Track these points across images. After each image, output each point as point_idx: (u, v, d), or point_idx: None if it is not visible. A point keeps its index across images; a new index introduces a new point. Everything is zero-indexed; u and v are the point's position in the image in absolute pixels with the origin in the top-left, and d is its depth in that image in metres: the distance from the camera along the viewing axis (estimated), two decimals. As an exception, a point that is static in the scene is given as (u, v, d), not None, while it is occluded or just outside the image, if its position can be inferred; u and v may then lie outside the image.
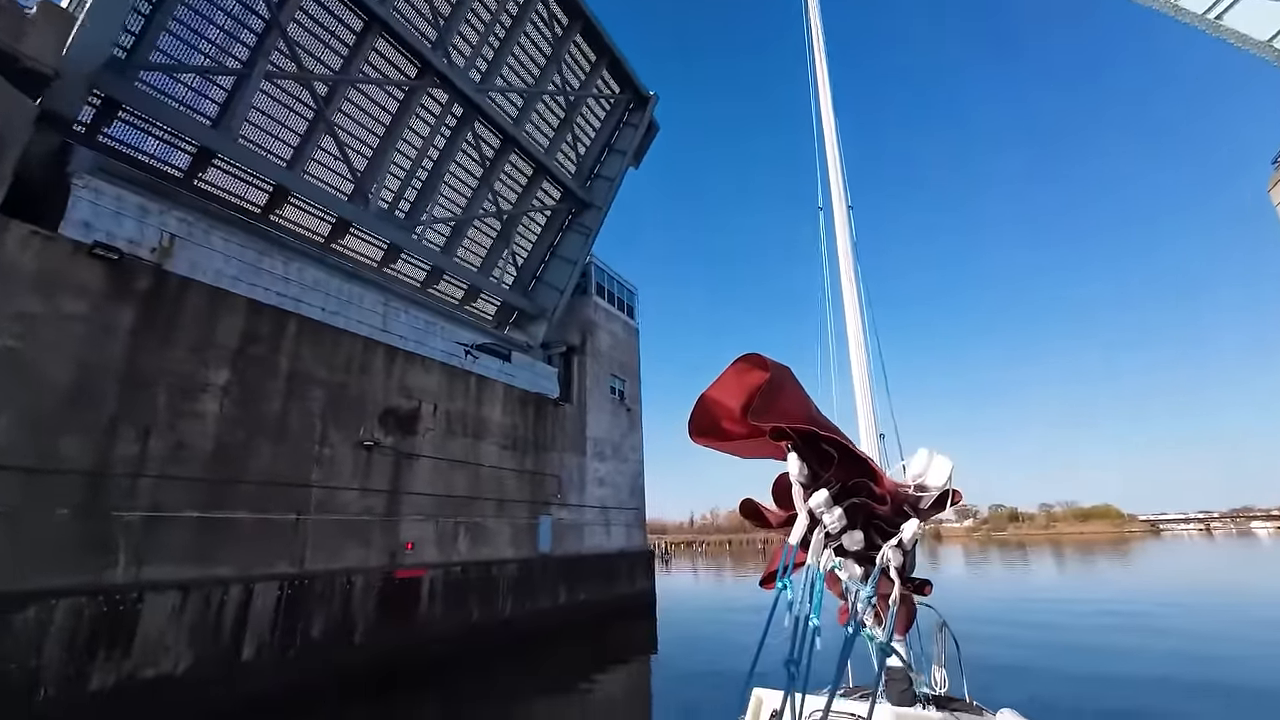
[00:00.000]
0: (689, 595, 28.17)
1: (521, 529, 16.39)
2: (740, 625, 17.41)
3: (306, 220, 14.99)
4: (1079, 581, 30.37)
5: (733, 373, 1.36)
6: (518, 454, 16.89)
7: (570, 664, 13.20)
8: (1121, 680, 10.30)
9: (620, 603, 19.60)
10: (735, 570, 45.87)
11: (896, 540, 1.43)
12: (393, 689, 10.33)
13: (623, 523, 21.69)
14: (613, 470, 21.73)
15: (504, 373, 17.22)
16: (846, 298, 4.08)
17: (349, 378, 12.34)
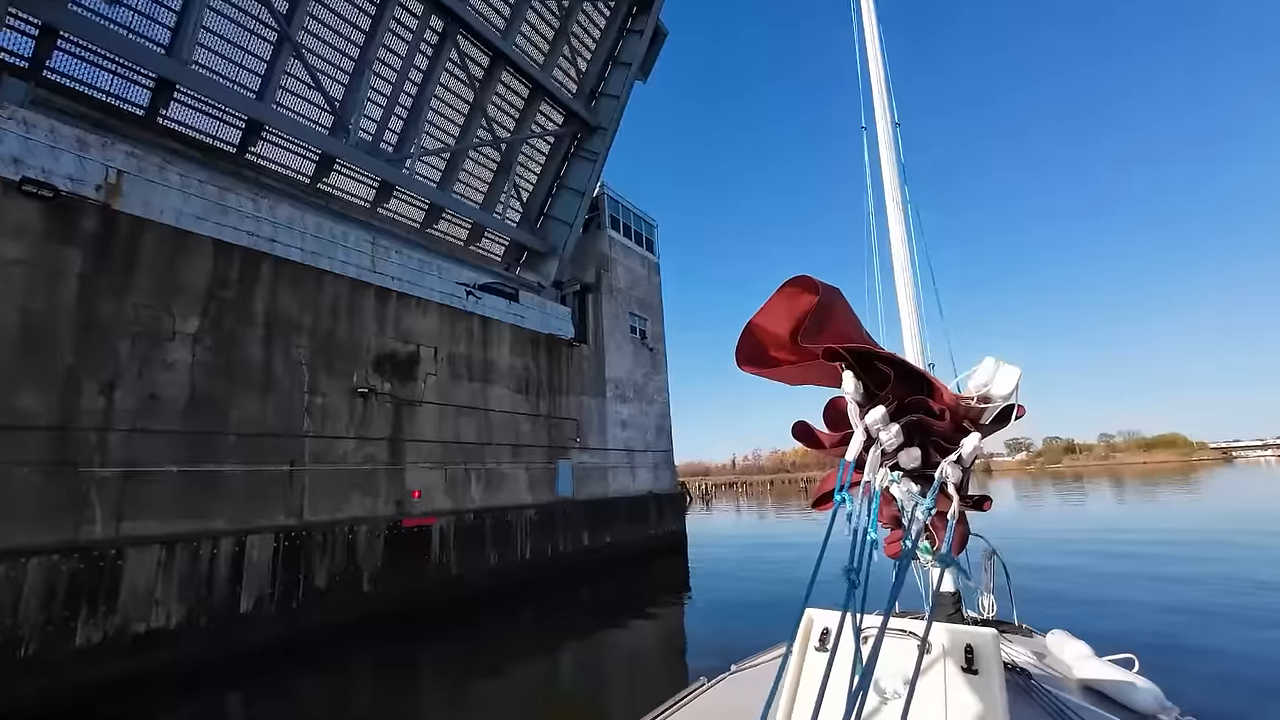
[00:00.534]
0: (729, 533, 27.81)
1: (539, 474, 15.86)
2: (778, 561, 16.90)
3: (288, 159, 14.02)
4: (1135, 511, 28.74)
5: (780, 297, 1.29)
6: (531, 398, 16.16)
7: (592, 603, 12.81)
8: (1178, 609, 9.49)
9: (649, 543, 19.19)
10: (777, 507, 45.37)
11: (956, 456, 1.32)
12: (407, 632, 10.07)
13: (649, 465, 21.04)
14: (636, 412, 20.92)
15: (511, 313, 16.28)
16: (892, 223, 3.80)
17: (336, 322, 11.60)
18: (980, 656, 1.35)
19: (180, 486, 8.83)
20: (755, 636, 3.12)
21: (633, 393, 20.91)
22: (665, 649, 9.64)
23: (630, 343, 21.37)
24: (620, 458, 19.47)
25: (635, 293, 22.30)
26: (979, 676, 1.31)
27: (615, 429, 19.53)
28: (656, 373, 22.78)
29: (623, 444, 19.76)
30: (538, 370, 16.61)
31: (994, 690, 1.26)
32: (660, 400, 22.65)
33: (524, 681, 8.13)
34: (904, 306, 3.56)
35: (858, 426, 1.28)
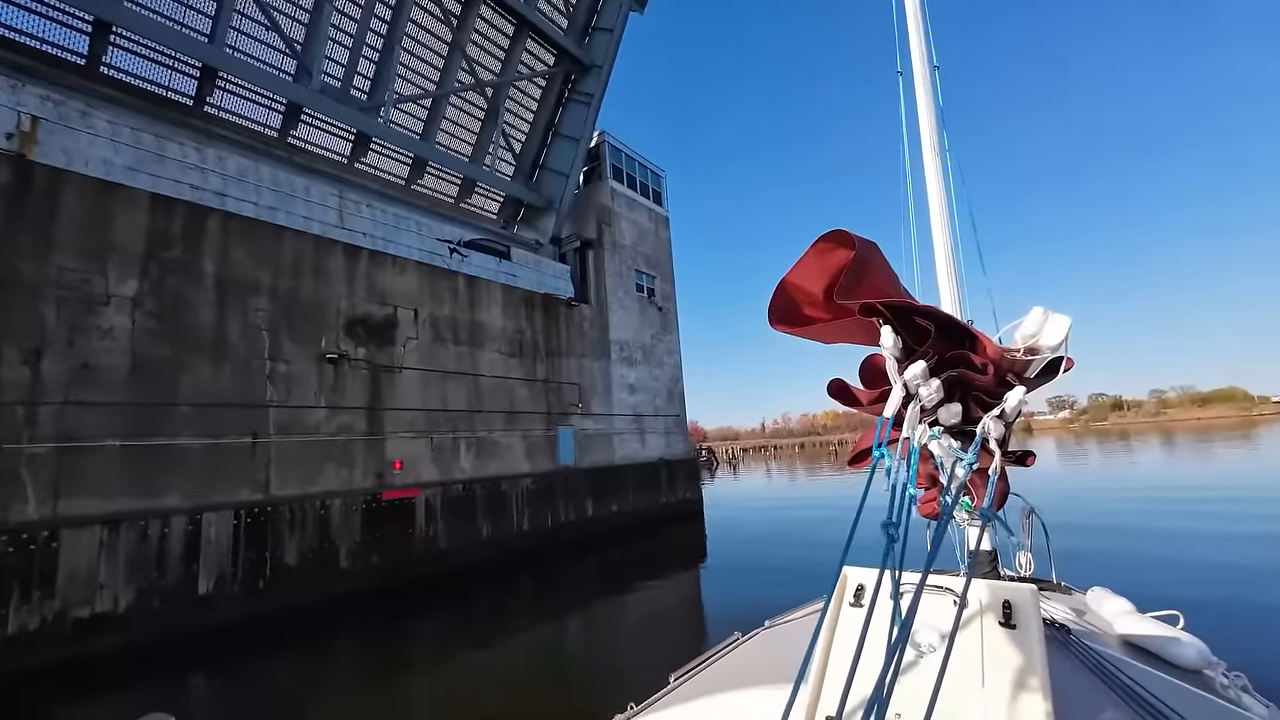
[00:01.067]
0: (754, 496, 26.90)
1: (538, 442, 15.02)
2: (801, 522, 15.93)
3: (250, 110, 12.99)
4: (1185, 468, 26.57)
5: (814, 254, 1.25)
6: (526, 362, 15.20)
7: (594, 575, 12.08)
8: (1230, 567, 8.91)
9: (661, 512, 18.37)
10: (806, 470, 44.57)
11: (999, 410, 1.26)
12: (388, 608, 9.48)
13: (660, 430, 20.05)
14: (645, 375, 19.83)
15: (503, 272, 15.20)
16: (929, 174, 3.56)
17: (299, 283, 10.71)
18: (1018, 611, 1.33)
19: (125, 462, 8.17)
20: (773, 604, 2.81)
21: (640, 355, 19.79)
22: (671, 621, 8.81)
23: (636, 302, 20.13)
24: (628, 423, 18.52)
25: (641, 249, 20.92)
26: (1017, 631, 1.29)
27: (622, 393, 18.52)
28: (667, 333, 21.55)
29: (630, 409, 18.77)
30: (533, 332, 15.59)
31: (1033, 644, 1.25)
32: (671, 363, 21.49)
33: (510, 657, 7.45)
34: (941, 261, 3.31)
35: (896, 383, 1.24)
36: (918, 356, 1.23)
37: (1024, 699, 1.16)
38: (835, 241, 1.21)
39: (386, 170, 15.80)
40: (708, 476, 42.45)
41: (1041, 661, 1.20)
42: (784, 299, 1.34)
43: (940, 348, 1.26)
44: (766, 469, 50.53)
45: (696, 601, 9.98)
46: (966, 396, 1.30)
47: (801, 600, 2.67)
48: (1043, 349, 1.26)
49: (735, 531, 16.48)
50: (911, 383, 1.21)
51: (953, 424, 1.29)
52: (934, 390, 1.22)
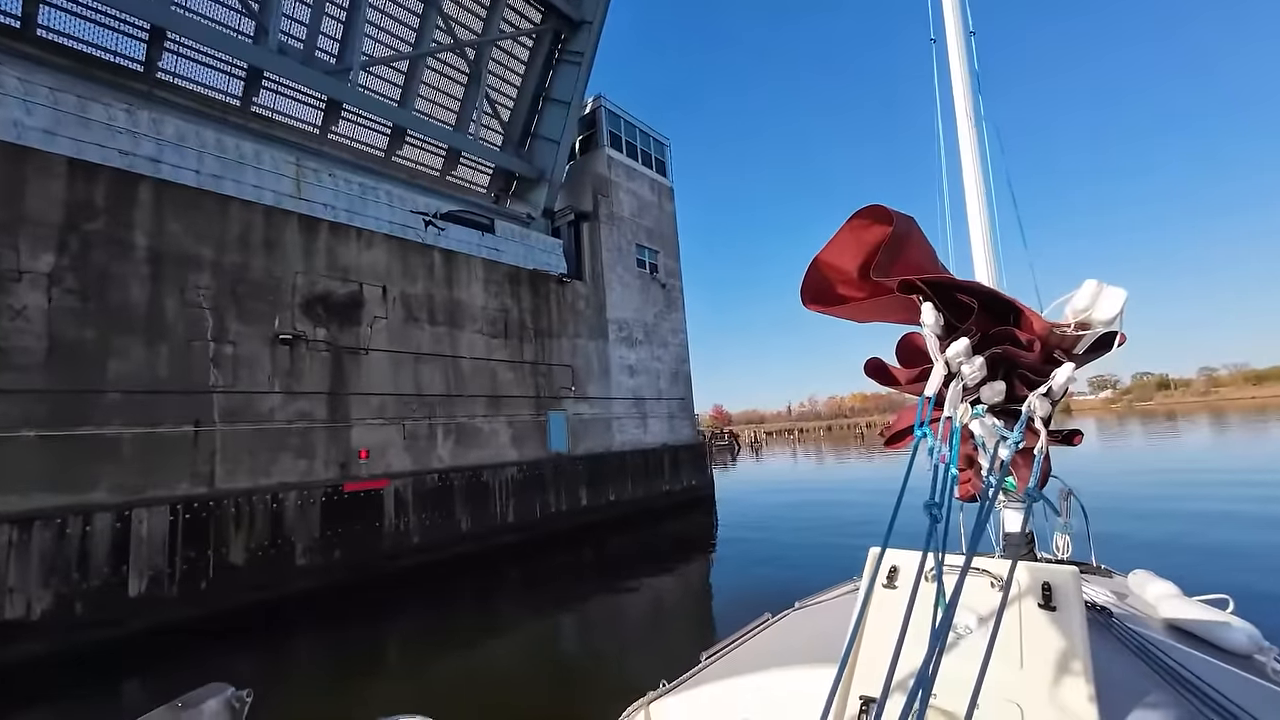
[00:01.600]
0: (773, 481, 25.70)
1: (526, 428, 14.09)
2: (817, 506, 14.73)
3: (210, 77, 12.12)
4: (1235, 450, 24.75)
5: (849, 230, 1.21)
6: (512, 343, 14.22)
7: (583, 570, 11.13)
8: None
9: (664, 501, 17.35)
10: (834, 453, 43.21)
11: (1045, 388, 1.23)
12: (349, 607, 8.75)
13: (663, 414, 18.95)
14: (647, 357, 18.70)
15: (485, 247, 14.17)
16: (965, 145, 3.30)
17: (249, 258, 9.84)
18: (1059, 593, 1.30)
19: (42, 454, 7.45)
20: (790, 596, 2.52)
21: (642, 334, 18.64)
22: (666, 621, 7.92)
23: (637, 278, 18.93)
24: (627, 407, 17.46)
25: (643, 221, 19.65)
26: (1057, 613, 1.27)
27: (620, 375, 17.44)
28: (671, 312, 20.33)
29: (630, 392, 17.70)
30: (520, 311, 14.57)
31: (1074, 627, 1.23)
32: (676, 343, 20.29)
33: (481, 656, 6.69)
34: (978, 236, 3.10)
35: (938, 361, 1.22)
36: (960, 334, 1.20)
37: (1066, 681, 1.15)
38: (871, 217, 1.18)
39: (364, 141, 14.86)
40: (730, 460, 41.31)
41: (1083, 644, 1.19)
42: (817, 278, 1.31)
43: (983, 324, 1.22)
44: (792, 452, 49.29)
45: (698, 599, 9.03)
46: (1010, 374, 1.27)
47: (830, 582, 2.61)
48: (1095, 324, 1.19)
49: (748, 519, 15.39)
50: (953, 361, 1.19)
51: (996, 402, 1.27)
52: (977, 368, 1.19)
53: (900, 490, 1.04)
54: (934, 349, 1.21)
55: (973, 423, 1.28)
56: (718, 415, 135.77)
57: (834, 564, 8.10)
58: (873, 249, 1.18)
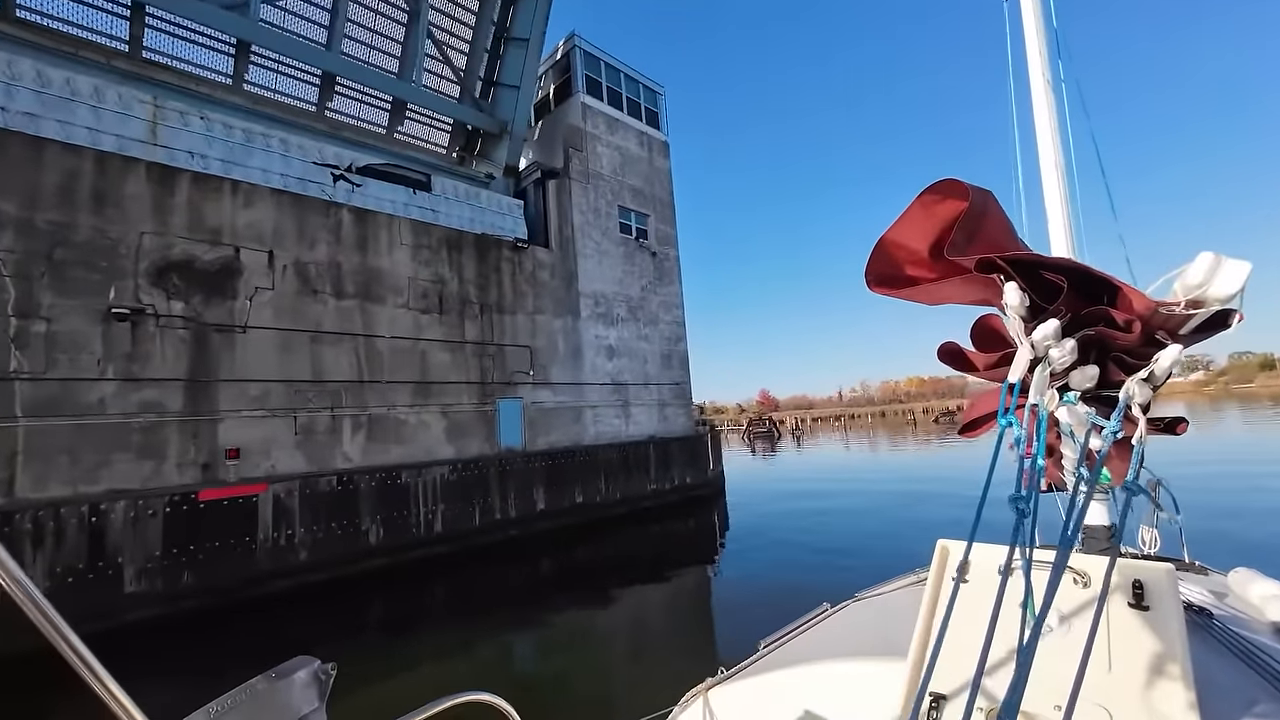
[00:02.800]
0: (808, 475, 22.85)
1: (467, 420, 11.98)
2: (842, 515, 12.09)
3: (92, 18, 10.38)
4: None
5: (919, 207, 1.14)
6: (450, 319, 12.08)
7: (526, 590, 8.97)
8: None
9: (650, 501, 14.95)
10: (887, 440, 40.38)
11: (1146, 372, 1.12)
12: (192, 641, 6.95)
13: (651, 402, 16.47)
14: (632, 336, 16.23)
15: (417, 207, 12.05)
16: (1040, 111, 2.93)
17: (74, 214, 8.02)
18: (1153, 592, 1.23)
19: None
20: None
21: (625, 311, 16.17)
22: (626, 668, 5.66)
23: (620, 245, 16.41)
24: (604, 394, 15.10)
25: (628, 180, 17.06)
26: (1151, 613, 1.20)
27: (596, 357, 15.07)
28: (664, 284, 17.72)
29: (608, 376, 15.31)
30: (461, 283, 12.40)
31: (1171, 629, 1.16)
32: (669, 320, 17.69)
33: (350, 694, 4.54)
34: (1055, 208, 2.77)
35: (1023, 344, 1.13)
36: (1048, 315, 1.10)
37: (1161, 686, 1.10)
38: (944, 193, 1.12)
39: (291, 95, 12.95)
40: (770, 449, 38.65)
41: (1182, 646, 1.12)
42: (884, 258, 1.25)
43: (1072, 304, 1.12)
44: (844, 439, 45.83)
45: (682, 633, 6.79)
46: (1104, 357, 1.18)
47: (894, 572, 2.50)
48: (1209, 301, 1.07)
49: (765, 522, 12.95)
50: (1041, 344, 1.10)
51: (1087, 389, 1.18)
52: (1067, 351, 1.10)
53: (985, 483, 0.99)
54: (1018, 331, 1.12)
55: (1059, 410, 1.18)
56: (764, 401, 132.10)
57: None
58: (946, 226, 1.13)
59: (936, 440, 35.51)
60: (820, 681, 1.55)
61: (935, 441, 34.94)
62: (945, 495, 14.51)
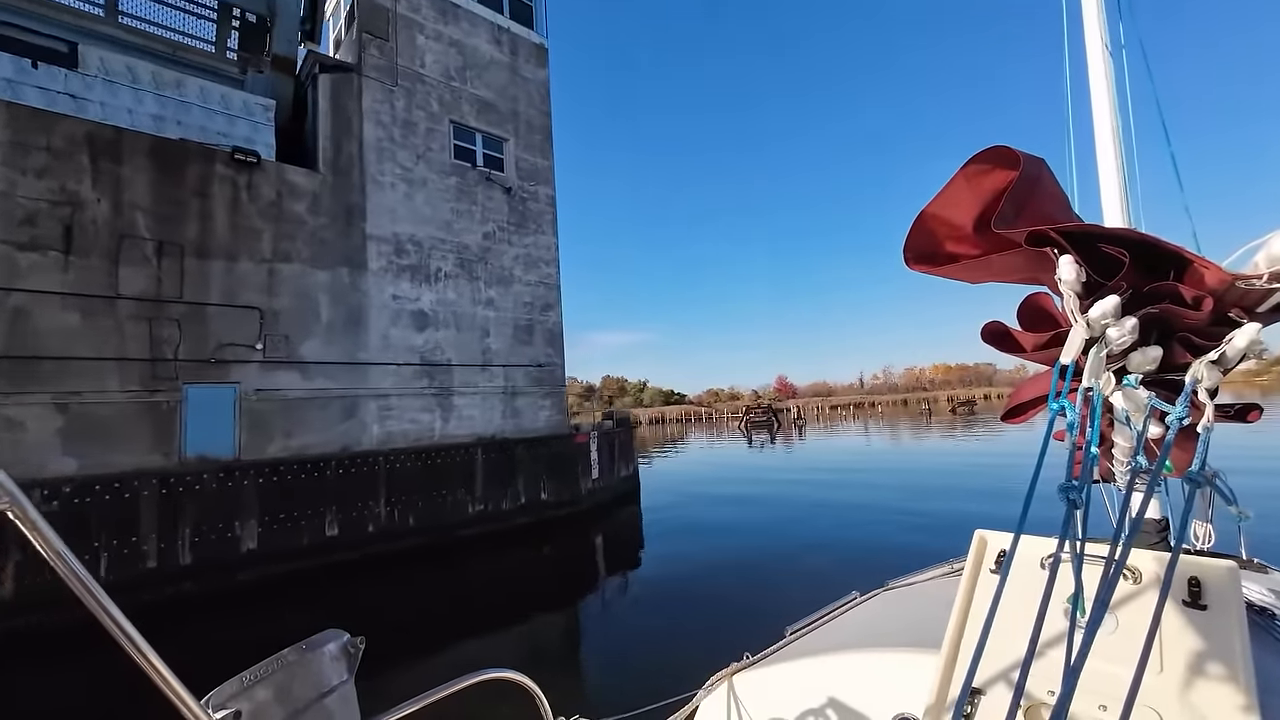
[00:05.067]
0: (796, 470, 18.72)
1: (115, 415, 7.85)
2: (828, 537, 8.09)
3: None
4: None
5: (964, 178, 1.05)
6: (90, 262, 7.89)
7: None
8: None
9: (471, 528, 10.69)
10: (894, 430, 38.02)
11: (1217, 354, 1.01)
12: None
13: (493, 390, 12.14)
14: (463, 299, 11.87)
15: (38, 88, 7.83)
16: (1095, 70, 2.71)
17: None
18: (1212, 590, 1.17)
19: None
20: None
21: (453, 264, 11.78)
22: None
23: (450, 175, 11.97)
24: (406, 378, 10.82)
25: (472, 89, 12.54)
26: (1209, 614, 1.14)
27: (394, 327, 10.78)
28: (525, 232, 13.24)
29: (416, 353, 11.01)
30: (119, 208, 8.16)
31: (1231, 629, 1.09)
32: (534, 281, 13.24)
33: None
34: (1109, 177, 2.59)
35: (1078, 323, 1.03)
36: (1108, 290, 1.02)
37: (1218, 690, 1.04)
38: (992, 161, 1.02)
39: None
40: (769, 440, 35.75)
41: (1243, 649, 1.06)
42: (924, 234, 1.16)
43: (1133, 279, 1.03)
44: (852, 429, 42.81)
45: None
46: (1166, 338, 1.08)
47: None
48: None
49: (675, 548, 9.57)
50: (1098, 322, 1.01)
51: (1148, 371, 1.08)
52: (1127, 331, 1.01)
53: (1034, 471, 0.91)
54: (1072, 309, 1.04)
55: (1114, 395, 1.10)
56: (781, 388, 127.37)
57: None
58: (994, 197, 1.03)
59: (950, 432, 32.76)
60: (847, 670, 1.53)
61: (949, 433, 32.12)
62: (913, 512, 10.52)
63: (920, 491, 13.38)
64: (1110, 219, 2.62)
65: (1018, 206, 1.00)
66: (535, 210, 13.42)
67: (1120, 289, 1.01)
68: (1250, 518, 2.08)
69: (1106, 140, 2.61)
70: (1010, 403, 1.54)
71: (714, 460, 27.90)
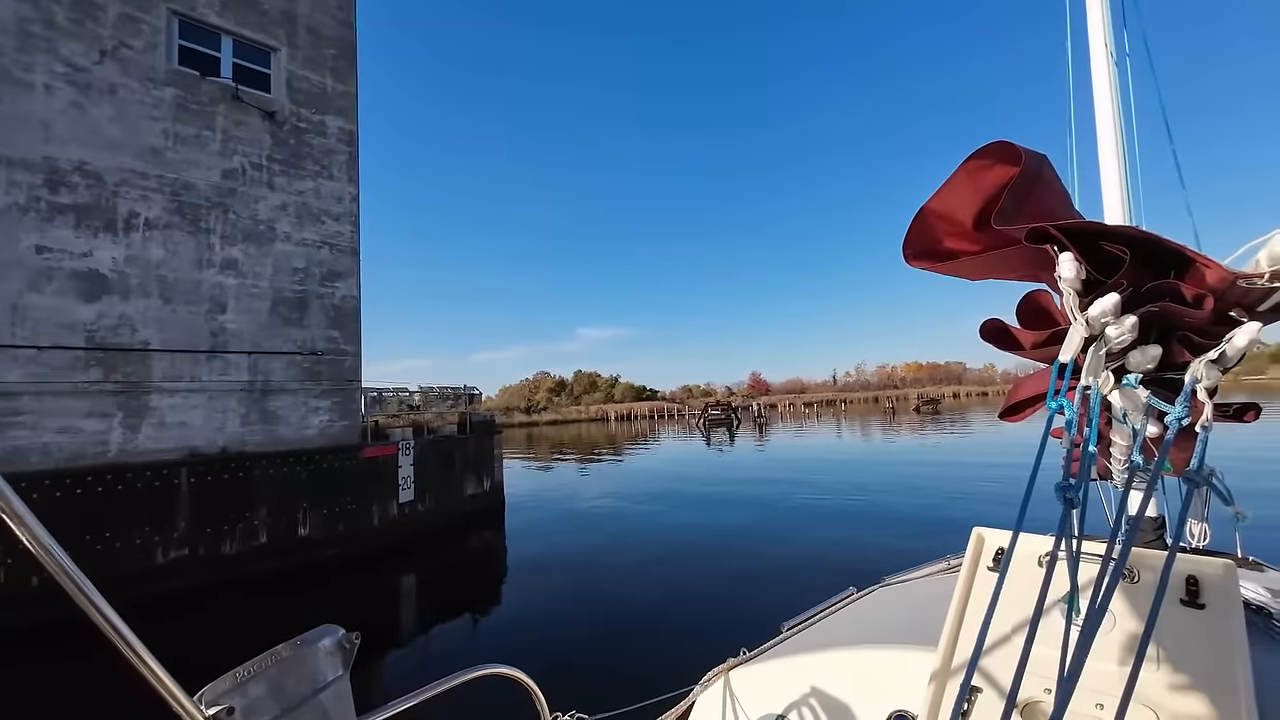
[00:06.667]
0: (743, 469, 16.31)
1: None
2: None
3: None
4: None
5: (965, 173, 1.04)
6: None
7: None
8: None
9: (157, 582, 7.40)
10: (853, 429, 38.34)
11: (1217, 353, 1.01)
12: None
13: (230, 386, 8.78)
14: (183, 260, 8.50)
15: None
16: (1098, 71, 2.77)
17: None
18: (1209, 589, 1.19)
19: None
20: None
21: (166, 211, 8.39)
22: None
23: (165, 85, 8.54)
24: (61, 368, 7.44)
25: (214, -27, 9.12)
26: (1206, 612, 1.16)
27: (39, 293, 7.38)
28: (298, 177, 9.84)
29: (80, 333, 7.63)
30: None
31: (1230, 629, 1.12)
32: (309, 240, 9.88)
33: None
34: (1110, 174, 2.66)
35: (1077, 320, 1.03)
36: (1108, 288, 1.01)
37: (1215, 689, 1.06)
38: (993, 157, 1.01)
39: None
40: (728, 439, 34.63)
41: (1241, 648, 1.08)
42: (924, 230, 1.15)
43: (1134, 278, 1.02)
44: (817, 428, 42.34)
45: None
46: (1166, 337, 1.08)
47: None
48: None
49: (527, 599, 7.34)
50: (1097, 320, 1.01)
51: (1147, 370, 1.08)
52: (1127, 329, 1.01)
53: (1033, 469, 0.93)
54: (1072, 307, 1.03)
55: (1113, 394, 1.09)
56: (755, 385, 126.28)
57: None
58: (995, 193, 1.03)
59: (915, 431, 32.56)
60: (843, 666, 1.55)
61: (916, 431, 32.10)
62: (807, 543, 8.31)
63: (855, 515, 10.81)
64: (1111, 216, 2.67)
65: (1019, 203, 0.99)
66: (320, 147, 10.06)
67: (1120, 287, 1.00)
68: (1248, 518, 1.98)
69: (1109, 137, 2.64)
70: (1008, 400, 1.52)
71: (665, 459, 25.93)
